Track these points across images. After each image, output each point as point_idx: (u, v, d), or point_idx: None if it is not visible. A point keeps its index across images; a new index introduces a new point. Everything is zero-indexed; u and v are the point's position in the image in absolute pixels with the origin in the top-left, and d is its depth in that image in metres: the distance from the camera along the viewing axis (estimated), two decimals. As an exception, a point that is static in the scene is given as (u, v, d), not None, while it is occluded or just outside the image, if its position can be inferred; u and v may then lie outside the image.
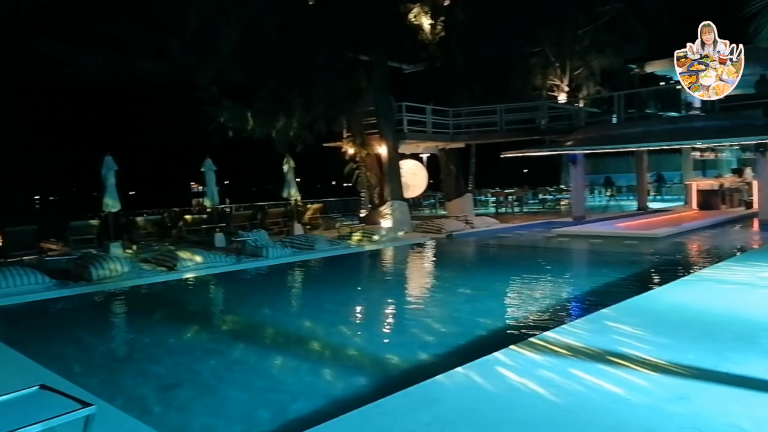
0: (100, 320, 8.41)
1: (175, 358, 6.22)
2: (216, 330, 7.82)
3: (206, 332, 7.55)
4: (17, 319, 8.18)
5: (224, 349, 6.52)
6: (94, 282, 9.65)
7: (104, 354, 6.63)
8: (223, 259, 11.68)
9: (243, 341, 6.78)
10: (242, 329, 7.57)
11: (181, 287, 10.27)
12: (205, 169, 14.94)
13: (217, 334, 7.54)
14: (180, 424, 4.33)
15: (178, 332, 7.36)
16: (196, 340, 7.09)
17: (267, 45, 15.00)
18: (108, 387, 5.07)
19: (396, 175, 18.55)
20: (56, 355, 6.09)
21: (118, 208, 12.84)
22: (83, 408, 2.93)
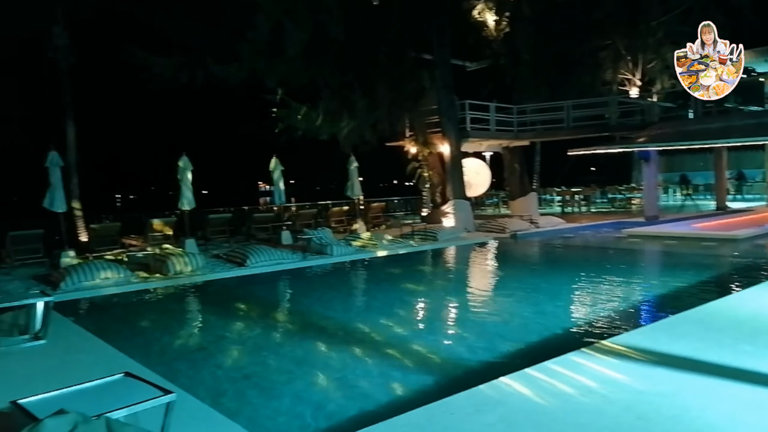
0: (178, 312, 8.88)
1: (246, 350, 6.48)
2: (283, 325, 8.08)
3: (274, 326, 7.82)
4: (102, 311, 8.77)
5: (292, 343, 6.73)
6: (172, 276, 10.18)
7: (180, 344, 7.00)
8: (290, 256, 12.01)
9: (309, 336, 6.97)
10: (308, 325, 7.76)
11: (251, 282, 10.65)
12: (272, 169, 15.41)
13: (284, 328, 7.80)
14: (250, 413, 4.51)
15: (249, 326, 7.67)
16: (265, 333, 7.34)
17: (332, 46, 15.30)
18: (184, 376, 5.36)
19: (458, 173, 18.41)
20: (136, 344, 6.48)
21: (193, 207, 13.47)
22: (164, 395, 3.13)
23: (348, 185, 16.72)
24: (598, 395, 3.96)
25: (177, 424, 3.34)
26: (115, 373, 3.63)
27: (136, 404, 3.03)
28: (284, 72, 14.91)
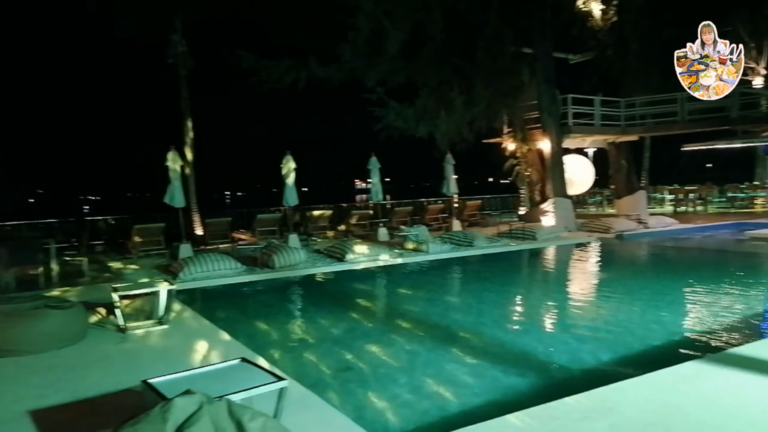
0: (283, 304, 9.35)
1: (346, 342, 6.69)
2: (381, 319, 8.24)
3: (372, 321, 8.00)
4: (216, 300, 9.42)
5: (389, 338, 6.85)
6: (277, 269, 10.72)
7: (286, 334, 7.36)
8: (387, 252, 12.20)
9: (406, 332, 7.06)
10: (405, 320, 7.86)
11: (349, 277, 10.96)
12: (370, 167, 15.70)
13: (381, 323, 7.95)
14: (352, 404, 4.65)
15: (348, 319, 7.90)
16: (363, 327, 7.53)
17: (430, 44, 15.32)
18: (289, 364, 5.64)
19: (559, 170, 17.73)
20: (247, 332, 6.89)
21: (296, 203, 14.08)
22: (278, 381, 3.32)
23: (444, 183, 16.68)
24: (718, 409, 3.67)
25: (286, 410, 3.52)
26: (231, 359, 3.89)
27: (251, 389, 3.23)
28: (383, 71, 15.15)
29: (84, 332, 6.18)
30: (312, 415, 3.84)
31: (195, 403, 2.60)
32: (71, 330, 5.97)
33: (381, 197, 16.29)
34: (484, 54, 15.73)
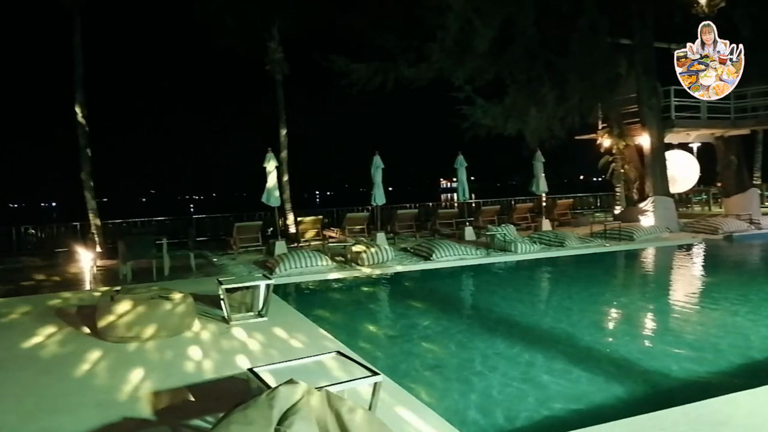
0: (372, 300, 9.59)
1: (432, 341, 6.76)
2: (468, 319, 8.22)
3: (459, 320, 8.00)
4: (309, 294, 9.82)
5: (476, 338, 6.83)
6: (366, 266, 10.98)
7: (374, 330, 7.55)
8: (474, 251, 12.11)
9: (493, 332, 6.99)
10: (493, 321, 7.79)
11: (436, 276, 11.00)
12: (457, 166, 15.64)
13: (468, 322, 7.92)
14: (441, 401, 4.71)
15: (435, 317, 7.96)
16: (449, 326, 7.55)
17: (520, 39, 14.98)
18: (380, 360, 5.79)
19: (660, 167, 16.72)
20: (338, 326, 7.13)
21: (384, 202, 14.33)
22: (373, 375, 3.45)
23: (533, 181, 16.26)
24: None
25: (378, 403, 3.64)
26: (328, 351, 4.08)
27: (348, 381, 3.38)
28: (471, 69, 15.03)
29: (193, 322, 6.69)
30: (403, 410, 3.94)
31: (298, 392, 2.77)
32: (182, 320, 6.48)
33: (467, 196, 16.17)
34: (578, 47, 15.15)
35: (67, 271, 12.02)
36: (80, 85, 14.25)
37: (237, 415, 2.63)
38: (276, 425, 2.55)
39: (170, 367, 5.24)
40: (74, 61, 14.20)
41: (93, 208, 14.42)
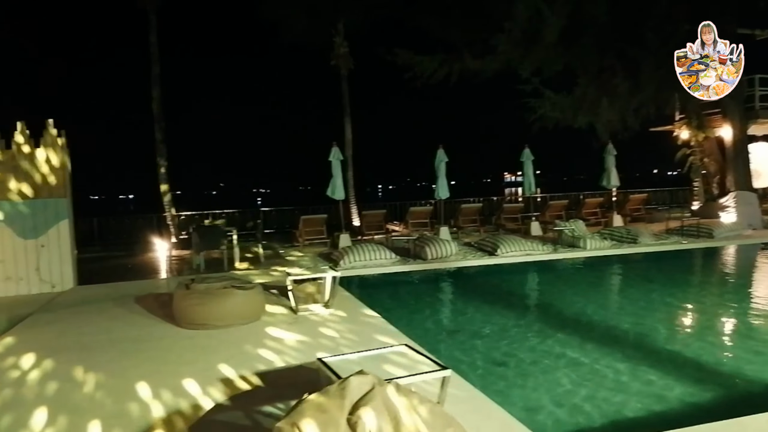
0: (435, 294, 9.56)
1: (498, 337, 6.65)
2: (532, 316, 8.04)
3: (525, 317, 7.83)
4: (373, 287, 9.90)
5: (543, 336, 6.66)
6: (429, 261, 10.95)
7: (438, 324, 7.52)
8: (540, 247, 11.81)
9: (559, 331, 6.80)
10: (557, 319, 7.57)
11: (500, 271, 10.82)
12: (523, 159, 15.29)
13: (533, 320, 7.75)
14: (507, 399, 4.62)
15: (499, 313, 7.82)
16: (515, 322, 7.41)
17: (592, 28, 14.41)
18: (443, 353, 5.76)
19: (743, 160, 15.68)
20: (402, 320, 7.15)
21: (447, 196, 14.22)
22: (442, 370, 3.43)
23: (604, 175, 15.66)
24: None
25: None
26: (395, 345, 4.09)
27: (417, 374, 3.37)
28: (539, 60, 14.60)
29: (262, 311, 6.90)
30: (470, 406, 3.89)
31: (368, 383, 2.79)
32: (252, 309, 6.70)
33: (534, 190, 15.78)
34: (653, 35, 14.39)
35: (145, 260, 12.70)
36: (156, 82, 14.97)
37: (310, 402, 2.68)
38: (348, 414, 2.58)
39: (241, 354, 5.42)
40: (150, 60, 14.92)
41: (168, 201, 15.15)
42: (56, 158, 9.30)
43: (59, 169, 9.33)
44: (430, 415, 2.69)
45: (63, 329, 6.67)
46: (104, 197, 44.18)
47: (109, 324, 6.81)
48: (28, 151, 9.17)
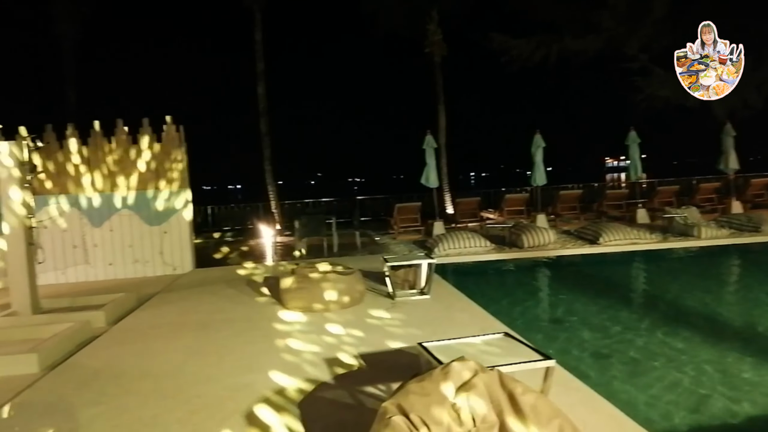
0: (532, 283, 9.36)
1: (601, 329, 6.41)
2: (640, 308, 7.65)
3: (631, 309, 7.49)
4: (467, 275, 9.88)
5: (652, 329, 6.34)
6: (525, 249, 10.72)
7: (537, 314, 7.38)
8: (648, 235, 11.16)
9: (671, 324, 6.43)
10: (670, 311, 7.15)
11: (602, 261, 10.37)
12: (628, 142, 14.46)
13: (642, 312, 7.38)
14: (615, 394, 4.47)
15: (603, 304, 7.52)
16: (620, 315, 7.10)
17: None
18: (543, 343, 5.65)
19: None
20: (497, 307, 7.10)
21: (545, 182, 13.80)
22: (545, 359, 3.39)
23: (720, 157, 14.44)
24: None
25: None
26: (495, 332, 4.09)
27: (520, 363, 3.35)
28: (646, 36, 13.69)
29: (362, 296, 7.14)
30: (575, 398, 3.82)
31: (470, 370, 2.83)
32: (352, 293, 6.95)
33: (640, 175, 14.90)
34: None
35: (252, 245, 13.51)
36: (261, 78, 15.76)
37: (414, 385, 2.77)
38: (451, 399, 2.65)
39: (343, 336, 5.66)
40: (255, 57, 15.72)
41: (273, 191, 15.97)
42: (175, 151, 10.14)
43: (178, 161, 10.16)
44: (536, 404, 2.69)
45: (184, 308, 7.31)
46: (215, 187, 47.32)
47: (223, 304, 7.36)
48: (151, 146, 10.08)
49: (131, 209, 9.99)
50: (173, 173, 10.14)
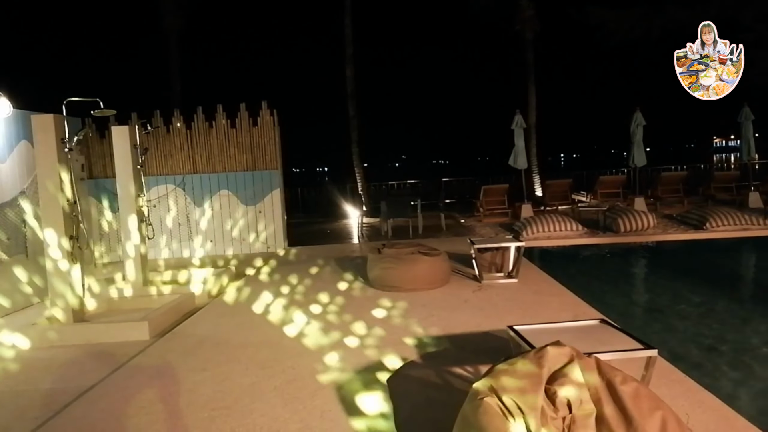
0: (629, 269, 8.90)
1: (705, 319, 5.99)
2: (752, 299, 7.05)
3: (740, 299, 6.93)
4: (557, 259, 9.57)
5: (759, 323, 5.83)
6: (622, 233, 10.19)
7: (634, 301, 7.01)
8: (762, 221, 10.23)
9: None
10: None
11: (709, 248, 9.66)
12: (741, 120, 13.25)
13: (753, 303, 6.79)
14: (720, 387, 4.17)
15: (708, 294, 7.02)
16: (728, 305, 6.60)
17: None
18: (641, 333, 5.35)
19: None
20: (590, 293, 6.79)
21: (644, 163, 12.99)
22: (646, 348, 3.22)
23: None
24: None
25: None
26: (590, 319, 3.94)
27: (619, 351, 3.21)
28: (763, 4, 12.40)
29: (448, 278, 7.12)
30: (677, 390, 3.61)
31: (566, 355, 2.74)
32: (438, 275, 6.95)
33: (753, 155, 13.64)
34: None
35: (340, 226, 13.85)
36: (350, 62, 15.95)
37: (506, 368, 2.72)
38: (546, 384, 2.58)
39: (430, 316, 5.68)
40: (345, 41, 15.92)
41: (360, 173, 16.23)
42: (270, 134, 10.57)
43: (272, 144, 10.59)
44: (636, 394, 2.56)
45: (278, 284, 7.65)
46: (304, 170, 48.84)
47: (314, 282, 7.63)
48: (248, 129, 10.58)
49: (230, 190, 10.55)
50: (267, 155, 10.58)
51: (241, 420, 3.58)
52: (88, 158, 10.53)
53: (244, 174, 10.59)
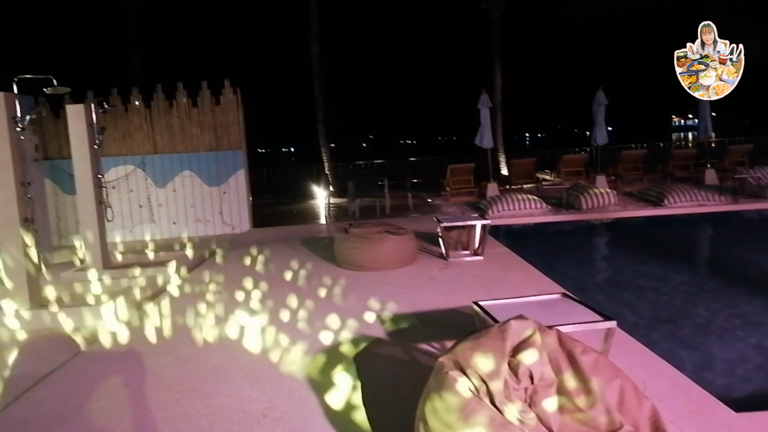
0: (590, 246, 9.12)
1: (663, 293, 6.20)
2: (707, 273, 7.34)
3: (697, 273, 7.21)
4: (522, 237, 9.73)
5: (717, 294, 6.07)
6: (584, 211, 10.42)
7: (594, 276, 7.20)
8: (716, 197, 10.60)
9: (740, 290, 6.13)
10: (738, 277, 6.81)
11: (667, 223, 9.97)
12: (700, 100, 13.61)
13: (708, 277, 7.07)
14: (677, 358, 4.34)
15: (666, 268, 7.26)
16: (685, 279, 6.85)
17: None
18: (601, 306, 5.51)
19: None
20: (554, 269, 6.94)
21: (606, 142, 13.26)
22: (604, 321, 3.31)
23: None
24: None
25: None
26: (552, 293, 4.02)
27: (579, 323, 3.29)
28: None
29: (415, 256, 7.16)
30: (635, 360, 3.73)
31: (529, 328, 2.80)
32: (405, 253, 6.98)
33: (710, 133, 14.08)
34: None
35: (306, 206, 13.74)
36: (315, 39, 15.69)
37: (471, 342, 2.76)
38: (509, 357, 2.63)
39: (397, 294, 5.71)
40: (309, 18, 15.62)
41: (326, 152, 16.09)
42: (234, 114, 10.34)
43: (236, 124, 10.37)
44: (595, 364, 2.64)
45: (244, 265, 7.56)
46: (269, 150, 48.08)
47: (280, 263, 7.56)
48: (211, 108, 10.31)
49: (192, 171, 10.32)
50: (231, 135, 10.36)
51: (206, 401, 3.55)
52: (42, 138, 10.12)
53: (207, 154, 10.36)
